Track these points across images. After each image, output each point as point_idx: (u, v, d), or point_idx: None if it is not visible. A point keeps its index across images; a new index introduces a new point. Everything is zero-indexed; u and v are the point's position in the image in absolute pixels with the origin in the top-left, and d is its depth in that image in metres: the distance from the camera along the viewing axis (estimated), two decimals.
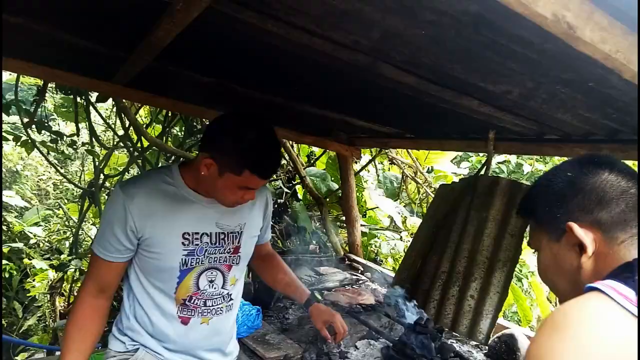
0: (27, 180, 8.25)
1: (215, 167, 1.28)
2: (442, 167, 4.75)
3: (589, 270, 0.79)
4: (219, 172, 1.28)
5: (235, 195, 1.32)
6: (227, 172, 1.27)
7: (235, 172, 1.26)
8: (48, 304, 6.21)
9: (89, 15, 1.44)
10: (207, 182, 1.33)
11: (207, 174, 1.30)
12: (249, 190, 1.33)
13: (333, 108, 2.37)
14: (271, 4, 1.07)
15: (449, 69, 1.35)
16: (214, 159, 1.27)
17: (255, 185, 1.32)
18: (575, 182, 0.82)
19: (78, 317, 1.34)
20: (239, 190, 1.31)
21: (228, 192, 1.31)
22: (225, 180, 1.29)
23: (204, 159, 1.28)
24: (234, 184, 1.29)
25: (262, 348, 1.84)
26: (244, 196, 1.34)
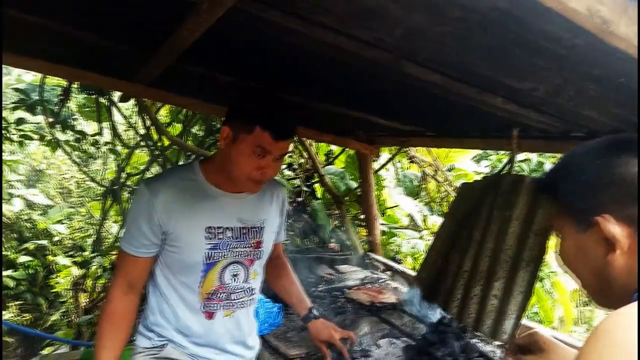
0: (51, 179, 8.42)
1: (231, 133, 1.31)
2: (462, 165, 4.71)
3: (620, 267, 0.73)
4: (234, 138, 1.31)
5: (251, 164, 1.31)
6: (240, 135, 1.29)
7: (247, 132, 1.28)
8: (71, 299, 6.34)
9: (113, 16, 1.46)
10: (226, 156, 1.35)
11: (225, 147, 1.34)
12: (264, 157, 1.31)
13: (353, 106, 2.36)
14: (296, 2, 1.07)
15: (474, 66, 1.34)
16: (230, 127, 1.32)
17: (268, 146, 1.30)
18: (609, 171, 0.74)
19: (110, 314, 1.38)
20: (255, 156, 1.30)
21: (244, 160, 1.30)
22: (239, 145, 1.30)
23: (221, 131, 1.33)
24: (246, 147, 1.29)
25: (284, 345, 1.85)
26: (260, 165, 1.32)
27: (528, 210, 2.10)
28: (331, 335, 1.69)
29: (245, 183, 1.36)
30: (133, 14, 1.41)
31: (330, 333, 1.70)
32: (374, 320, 1.99)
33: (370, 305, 2.19)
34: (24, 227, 7.43)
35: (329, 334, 1.70)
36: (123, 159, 4.53)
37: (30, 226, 7.47)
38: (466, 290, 2.19)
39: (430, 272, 2.43)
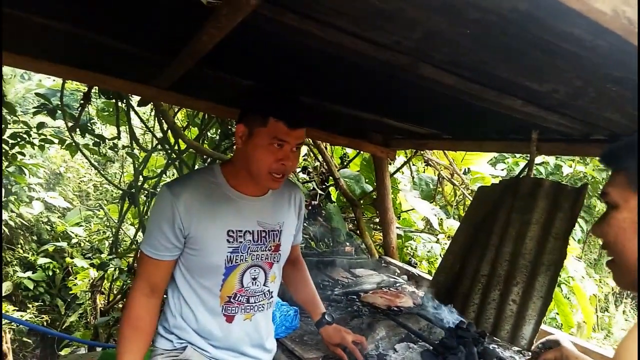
0: (69, 182, 8.55)
1: (246, 130, 1.35)
2: (479, 168, 4.67)
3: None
4: (249, 134, 1.35)
5: (270, 157, 1.33)
6: (255, 129, 1.33)
7: (262, 124, 1.32)
8: (89, 301, 6.42)
9: (133, 21, 1.48)
10: (244, 154, 1.38)
11: (242, 145, 1.37)
12: (282, 147, 1.34)
13: (369, 109, 2.36)
14: (313, 6, 1.07)
15: (492, 68, 1.32)
16: (244, 124, 1.36)
17: (285, 137, 1.33)
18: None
19: (132, 317, 1.39)
20: (273, 149, 1.33)
21: (263, 153, 1.33)
22: (256, 139, 1.33)
23: (236, 130, 1.37)
24: (263, 139, 1.32)
25: (301, 348, 1.84)
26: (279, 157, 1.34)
27: (548, 213, 2.07)
28: (343, 337, 1.69)
29: (266, 178, 1.37)
30: (153, 19, 1.42)
31: (342, 335, 1.70)
32: (390, 324, 1.98)
33: (387, 309, 2.18)
34: (43, 229, 7.56)
35: (341, 336, 1.70)
36: (140, 162, 4.58)
37: (49, 228, 7.60)
38: (484, 294, 2.17)
39: (447, 276, 2.41)
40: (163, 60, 1.78)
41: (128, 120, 4.26)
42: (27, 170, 4.95)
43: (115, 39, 1.69)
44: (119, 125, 4.22)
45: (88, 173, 8.62)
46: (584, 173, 6.35)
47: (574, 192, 2.05)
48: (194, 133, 4.53)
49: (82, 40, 1.69)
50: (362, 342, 1.70)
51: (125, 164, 6.67)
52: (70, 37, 1.65)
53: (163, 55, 1.75)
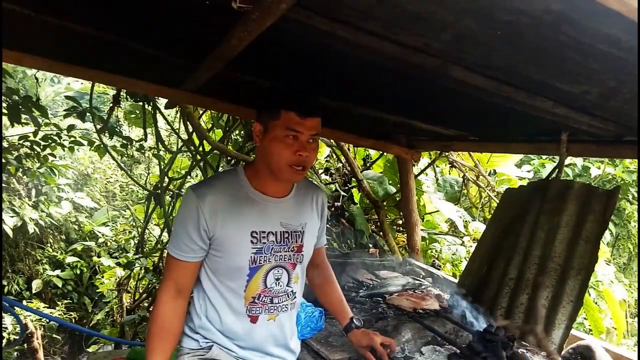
0: (96, 183, 8.73)
1: (262, 127, 1.38)
2: (505, 170, 4.59)
3: None
4: (265, 128, 1.38)
5: (288, 149, 1.35)
6: (270, 123, 1.36)
7: (275, 118, 1.35)
8: (115, 300, 6.54)
9: (162, 26, 1.51)
10: (263, 151, 1.40)
11: (259, 142, 1.41)
12: (297, 139, 1.36)
13: (394, 111, 2.35)
14: (343, 10, 1.08)
15: (523, 70, 1.31)
16: (259, 121, 1.40)
17: (298, 127, 1.35)
18: None
19: (159, 318, 1.41)
20: (288, 140, 1.35)
21: (279, 146, 1.35)
22: (271, 133, 1.36)
23: (253, 130, 1.41)
24: (278, 132, 1.35)
25: (326, 349, 1.85)
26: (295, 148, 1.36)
27: (578, 216, 2.03)
28: (372, 339, 1.68)
29: (287, 171, 1.38)
30: (182, 24, 1.45)
31: (371, 337, 1.69)
32: (416, 327, 1.97)
33: (412, 312, 2.17)
34: (71, 229, 7.73)
35: (370, 338, 1.69)
36: (166, 163, 4.65)
37: (77, 228, 7.77)
38: (512, 298, 2.14)
39: (473, 279, 2.39)
40: (191, 64, 1.81)
41: (154, 123, 4.34)
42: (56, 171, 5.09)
43: (145, 44, 1.73)
44: (146, 127, 4.30)
45: (114, 174, 8.79)
46: (613, 175, 6.20)
47: (605, 195, 2.00)
48: (219, 135, 4.58)
49: (113, 46, 1.73)
50: (391, 344, 1.69)
51: (151, 165, 6.78)
52: (101, 42, 1.70)
53: (191, 59, 1.78)
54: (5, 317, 6.12)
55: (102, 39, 1.67)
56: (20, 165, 4.17)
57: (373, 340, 1.68)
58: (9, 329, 6.03)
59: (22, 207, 6.43)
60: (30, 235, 6.77)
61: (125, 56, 1.91)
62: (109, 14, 1.47)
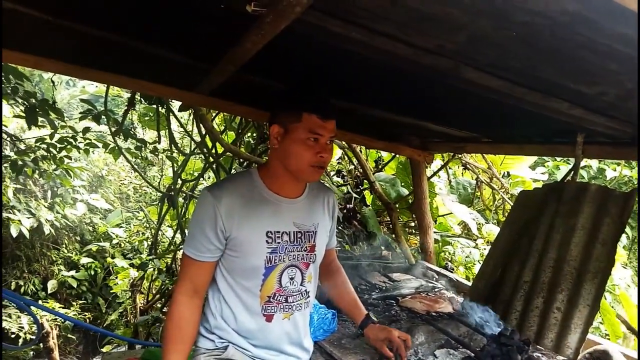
0: (110, 185, 8.82)
1: (281, 129, 1.40)
2: (519, 172, 4.55)
3: None
4: (285, 132, 1.40)
5: (309, 151, 1.39)
6: (290, 126, 1.38)
7: (296, 120, 1.37)
8: (129, 300, 6.60)
9: (177, 30, 1.53)
10: (282, 153, 1.42)
11: (278, 144, 1.42)
12: (318, 141, 1.39)
13: (407, 112, 2.34)
14: (357, 12, 1.08)
15: (539, 71, 1.30)
16: (278, 123, 1.41)
17: (319, 129, 1.38)
18: None
19: (176, 318, 1.42)
20: (310, 143, 1.38)
21: (299, 147, 1.38)
22: (292, 135, 1.39)
23: (271, 132, 1.42)
24: (299, 134, 1.38)
25: (339, 352, 1.85)
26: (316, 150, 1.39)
27: (594, 219, 2.01)
28: (390, 332, 1.68)
29: (308, 171, 1.42)
30: (196, 28, 1.47)
31: (388, 331, 1.70)
32: (430, 330, 1.96)
33: (426, 314, 2.16)
34: (86, 230, 7.82)
35: (387, 331, 1.69)
36: (179, 165, 4.68)
37: (92, 229, 7.86)
38: (526, 301, 2.12)
39: (487, 281, 2.37)
40: (205, 67, 1.82)
41: (168, 125, 4.38)
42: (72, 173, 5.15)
43: (160, 47, 1.75)
44: (159, 130, 4.33)
45: (128, 176, 8.88)
46: (629, 177, 6.10)
47: (622, 198, 1.98)
48: (231, 137, 4.60)
49: (128, 49, 1.76)
50: (407, 339, 1.68)
51: (164, 167, 6.84)
52: (117, 46, 1.72)
53: (205, 62, 1.80)
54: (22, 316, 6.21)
55: (118, 42, 1.69)
56: (37, 167, 4.23)
57: (390, 333, 1.68)
58: (25, 328, 6.12)
59: (38, 208, 6.53)
60: (46, 236, 6.86)
61: (140, 59, 1.93)
62: (125, 18, 1.49)
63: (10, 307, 6.24)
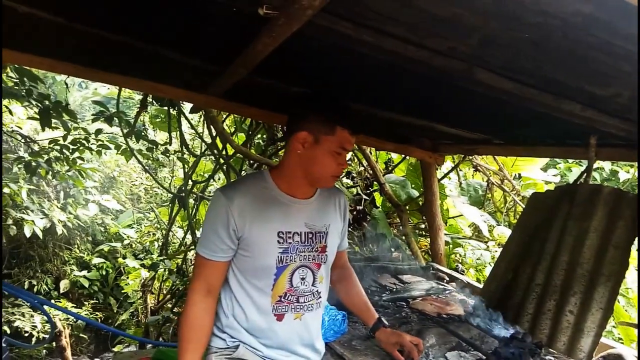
0: (122, 186, 8.89)
1: (311, 137, 1.41)
2: (530, 174, 4.51)
3: None
4: (315, 140, 1.41)
5: (333, 162, 1.43)
6: (322, 136, 1.40)
7: (329, 132, 1.40)
8: (140, 300, 6.65)
9: (188, 32, 1.55)
10: (306, 159, 1.44)
11: (303, 151, 1.43)
12: (342, 154, 1.44)
13: (418, 114, 2.34)
14: (369, 14, 1.08)
15: (552, 73, 1.29)
16: (308, 131, 1.41)
17: (348, 144, 1.43)
18: None
19: (190, 318, 1.44)
20: (336, 155, 1.42)
21: (327, 158, 1.42)
22: (322, 146, 1.41)
23: (297, 137, 1.42)
24: (330, 146, 1.41)
25: (350, 353, 1.84)
26: (339, 161, 1.44)
27: (607, 221, 1.99)
28: (401, 336, 1.70)
29: (327, 180, 1.48)
30: (208, 30, 1.48)
31: (400, 335, 1.72)
32: (441, 332, 1.95)
33: (437, 317, 2.15)
34: (97, 230, 7.89)
35: (399, 335, 1.71)
36: (190, 167, 4.72)
37: (103, 230, 7.93)
38: (538, 304, 2.10)
39: (499, 284, 2.35)
40: (216, 69, 1.84)
41: (179, 127, 4.41)
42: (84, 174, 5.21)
43: (171, 50, 1.77)
44: (171, 131, 4.37)
45: (139, 177, 8.95)
46: None
47: (635, 200, 1.96)
48: (242, 139, 4.63)
49: (141, 52, 1.78)
50: (419, 343, 1.70)
51: (175, 169, 6.89)
52: (129, 49, 1.74)
53: (216, 64, 1.81)
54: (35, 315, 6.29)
55: (131, 45, 1.71)
56: (50, 168, 4.28)
57: (402, 337, 1.70)
58: (38, 327, 6.19)
59: (51, 209, 6.60)
60: (58, 236, 6.93)
61: (152, 62, 1.95)
62: (137, 21, 1.51)
63: (23, 306, 6.32)
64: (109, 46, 1.74)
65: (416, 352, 1.66)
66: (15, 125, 5.47)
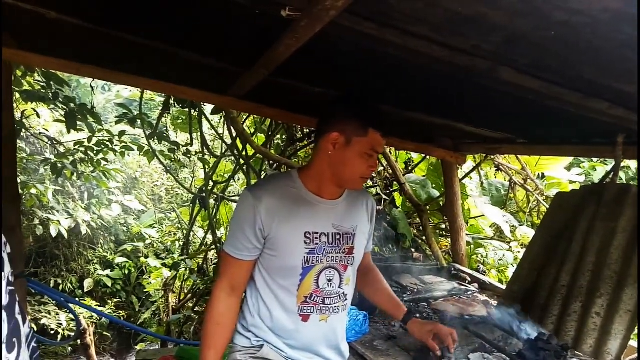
0: (144, 186, 9.03)
1: (342, 138, 1.41)
2: (554, 173, 4.42)
3: None
4: (347, 142, 1.41)
5: (364, 164, 1.43)
6: (354, 138, 1.40)
7: (361, 134, 1.40)
8: (162, 299, 6.74)
9: (211, 35, 1.56)
10: (336, 160, 1.44)
11: (334, 151, 1.43)
12: (372, 156, 1.43)
13: (439, 113, 2.32)
14: (392, 14, 1.08)
15: (579, 71, 1.27)
16: (340, 132, 1.41)
17: (379, 147, 1.43)
18: None
19: (215, 314, 1.46)
20: (366, 157, 1.42)
21: (358, 160, 1.42)
22: (354, 147, 1.41)
23: (328, 137, 1.42)
24: (362, 148, 1.41)
25: (371, 353, 1.84)
26: (369, 163, 1.44)
27: (635, 221, 1.94)
28: (435, 325, 1.70)
29: (356, 182, 1.48)
30: (230, 32, 1.49)
31: (433, 323, 1.71)
32: (464, 333, 1.93)
33: (459, 318, 2.13)
34: (120, 230, 8.03)
35: (433, 324, 1.71)
36: (211, 167, 4.76)
37: (126, 230, 8.07)
38: (564, 306, 2.07)
39: (522, 285, 2.32)
40: (238, 71, 1.85)
41: (200, 128, 4.46)
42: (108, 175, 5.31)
43: (194, 52, 1.79)
44: (192, 132, 4.42)
45: (160, 178, 9.07)
46: None
47: None
48: (261, 139, 4.65)
49: (164, 55, 1.80)
50: (453, 332, 1.67)
51: (196, 169, 6.96)
52: (154, 52, 1.77)
53: (238, 66, 1.83)
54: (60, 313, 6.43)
55: (155, 48, 1.74)
56: (75, 170, 4.38)
57: (437, 325, 1.69)
58: (63, 325, 6.34)
59: (75, 209, 6.74)
60: (82, 236, 7.08)
61: (175, 64, 1.98)
62: (161, 25, 1.53)
63: (49, 305, 6.48)
64: (134, 50, 1.77)
65: (451, 340, 1.64)
66: (42, 127, 5.61)
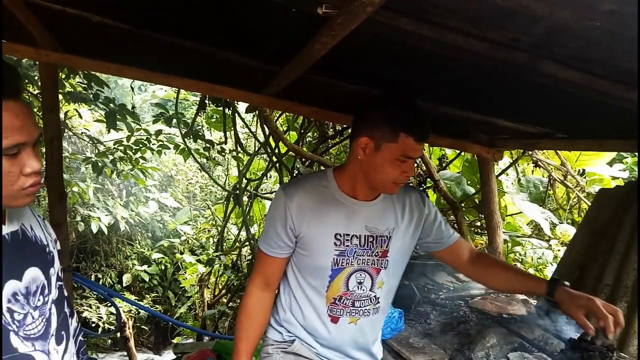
0: (179, 184, 9.24)
1: (372, 143, 1.34)
2: (596, 169, 4.26)
3: None
4: (376, 147, 1.33)
5: (396, 170, 1.34)
6: (384, 144, 1.32)
7: (391, 139, 1.31)
8: (197, 295, 6.89)
9: (247, 34, 1.58)
10: (366, 165, 1.38)
11: (364, 156, 1.36)
12: (406, 162, 1.34)
13: (475, 108, 2.28)
14: (429, 9, 1.07)
15: (624, 62, 1.22)
16: (369, 136, 1.34)
17: (412, 152, 1.32)
18: None
19: (248, 308, 1.50)
20: (398, 162, 1.32)
21: (388, 166, 1.33)
22: (383, 153, 1.33)
23: (358, 142, 1.36)
24: (392, 154, 1.32)
25: (407, 351, 1.84)
26: (403, 169, 1.34)
27: None
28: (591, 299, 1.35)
29: (389, 187, 1.39)
30: (267, 30, 1.51)
31: (589, 297, 1.37)
32: (502, 332, 1.89)
33: (497, 316, 2.09)
34: (157, 227, 8.25)
35: (588, 298, 1.37)
36: (244, 165, 4.83)
37: (162, 226, 8.29)
38: None
39: None
40: (273, 69, 1.87)
41: (233, 126, 4.53)
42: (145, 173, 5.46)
43: (229, 51, 1.82)
44: (226, 131, 4.49)
45: (195, 176, 9.27)
46: None
47: None
48: (293, 137, 4.69)
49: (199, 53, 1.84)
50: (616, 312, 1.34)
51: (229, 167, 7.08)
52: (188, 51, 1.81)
53: (273, 64, 1.84)
54: (100, 307, 6.67)
55: (192, 48, 1.78)
56: (115, 168, 4.52)
57: (593, 301, 1.35)
58: (103, 318, 6.57)
59: (114, 206, 6.97)
60: (121, 232, 7.31)
61: (211, 64, 2.02)
62: (199, 25, 1.56)
63: (91, 298, 6.73)
64: (171, 50, 1.82)
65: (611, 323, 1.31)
66: (83, 127, 5.82)
